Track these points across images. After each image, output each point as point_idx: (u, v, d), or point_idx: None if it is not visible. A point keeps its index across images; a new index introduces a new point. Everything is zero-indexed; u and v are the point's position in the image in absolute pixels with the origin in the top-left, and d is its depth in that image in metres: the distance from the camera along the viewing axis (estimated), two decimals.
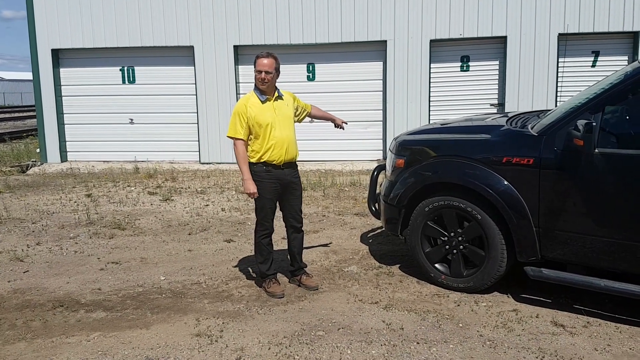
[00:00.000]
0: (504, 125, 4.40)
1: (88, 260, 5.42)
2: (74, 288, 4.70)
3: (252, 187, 4.27)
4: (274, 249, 4.67)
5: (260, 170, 4.30)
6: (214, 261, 5.32)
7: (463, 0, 10.27)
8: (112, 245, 5.92)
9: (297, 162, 4.52)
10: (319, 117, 4.88)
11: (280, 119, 4.29)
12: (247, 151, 4.33)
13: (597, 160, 3.67)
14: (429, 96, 10.68)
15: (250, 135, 4.30)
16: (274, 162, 4.28)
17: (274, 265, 4.61)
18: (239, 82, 11.22)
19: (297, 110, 4.57)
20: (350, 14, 10.60)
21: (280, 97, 4.38)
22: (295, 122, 4.52)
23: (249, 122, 4.23)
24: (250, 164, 4.32)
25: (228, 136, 4.34)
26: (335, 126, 4.85)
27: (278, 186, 4.36)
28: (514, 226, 4.00)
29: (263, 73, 4.21)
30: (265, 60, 4.23)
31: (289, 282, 4.72)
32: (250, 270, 4.99)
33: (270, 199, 4.38)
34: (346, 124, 4.85)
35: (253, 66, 4.31)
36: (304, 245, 4.77)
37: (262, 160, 4.28)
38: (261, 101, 4.27)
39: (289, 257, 4.77)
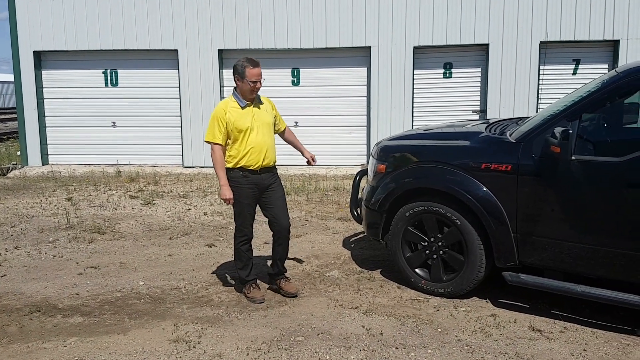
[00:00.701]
0: (483, 132, 4.44)
1: (67, 265, 5.37)
2: (52, 293, 4.64)
3: (228, 193, 4.23)
4: (255, 254, 4.66)
5: (237, 176, 4.26)
6: (194, 266, 5.29)
7: (446, 8, 10.36)
8: (92, 249, 5.86)
9: (275, 166, 4.46)
10: (289, 142, 4.69)
11: (259, 124, 4.25)
12: (224, 156, 4.28)
13: (574, 167, 3.72)
14: (413, 102, 10.74)
15: (228, 140, 4.25)
16: (250, 167, 4.24)
17: (254, 270, 4.58)
18: (223, 86, 11.20)
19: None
20: (334, 19, 10.64)
21: (259, 102, 4.34)
22: None
23: (227, 127, 4.19)
24: (228, 169, 4.28)
25: (205, 141, 4.30)
26: (306, 160, 4.63)
27: (256, 191, 4.33)
28: (493, 232, 4.03)
29: (259, 82, 4.17)
30: (258, 70, 4.17)
31: (269, 287, 4.69)
32: (228, 277, 4.95)
33: (248, 204, 4.34)
34: (315, 161, 4.63)
35: (240, 76, 4.16)
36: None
37: (239, 166, 4.23)
38: (241, 106, 4.23)
39: (271, 260, 4.73)
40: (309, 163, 4.64)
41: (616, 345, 3.61)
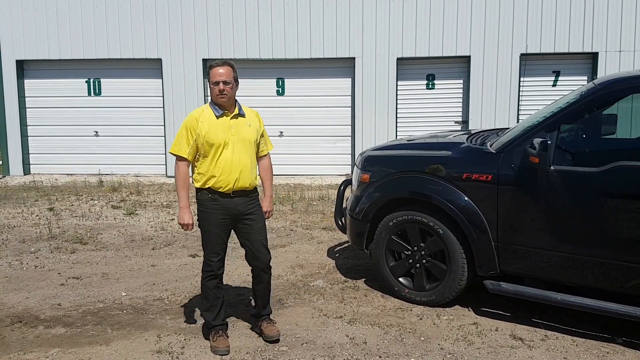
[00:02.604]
0: (464, 143, 4.51)
1: (48, 275, 5.31)
2: (34, 303, 4.59)
3: (187, 217, 3.64)
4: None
5: (205, 199, 3.65)
6: (177, 276, 5.27)
7: (429, 20, 10.51)
8: (74, 260, 5.80)
9: (256, 191, 3.80)
10: (261, 174, 3.95)
11: (236, 140, 3.61)
12: (191, 173, 3.70)
13: (552, 177, 3.79)
14: (396, 112, 10.84)
15: (198, 155, 3.66)
16: (220, 190, 3.60)
17: (223, 313, 3.86)
18: (207, 95, 11.19)
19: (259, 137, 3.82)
20: (319, 30, 10.72)
21: (241, 114, 3.69)
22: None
23: (197, 140, 3.58)
24: (196, 189, 3.71)
25: (170, 152, 3.72)
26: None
27: (227, 219, 3.67)
28: (474, 241, 4.08)
29: (221, 84, 3.54)
30: (221, 69, 3.57)
31: (252, 328, 4.08)
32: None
33: (216, 234, 3.66)
34: (268, 217, 3.95)
35: (208, 80, 3.66)
36: (270, 289, 4.00)
37: (207, 186, 3.62)
38: (216, 115, 3.61)
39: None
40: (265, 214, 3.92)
41: (596, 353, 3.66)
